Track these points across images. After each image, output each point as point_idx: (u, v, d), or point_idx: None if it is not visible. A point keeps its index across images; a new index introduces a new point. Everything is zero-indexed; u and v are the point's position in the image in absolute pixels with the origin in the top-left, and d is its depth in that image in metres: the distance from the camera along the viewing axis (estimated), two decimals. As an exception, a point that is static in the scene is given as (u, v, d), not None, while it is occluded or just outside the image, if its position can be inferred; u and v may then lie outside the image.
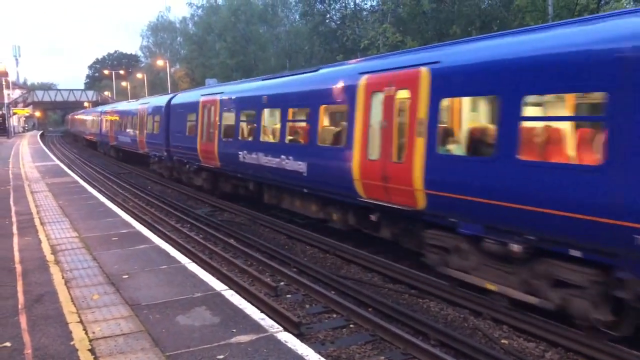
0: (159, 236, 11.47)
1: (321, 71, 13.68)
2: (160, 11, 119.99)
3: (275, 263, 11.39)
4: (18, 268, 8.70)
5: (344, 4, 50.26)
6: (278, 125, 14.75)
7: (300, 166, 12.96)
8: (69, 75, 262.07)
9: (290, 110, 14.30)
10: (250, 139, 16.26)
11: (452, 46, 9.78)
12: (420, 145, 9.29)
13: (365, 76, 11.01)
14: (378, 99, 10.56)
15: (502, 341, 7.63)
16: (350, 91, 11.36)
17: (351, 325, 8.25)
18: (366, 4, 49.81)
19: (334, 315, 8.70)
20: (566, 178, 6.89)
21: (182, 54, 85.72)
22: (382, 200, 10.36)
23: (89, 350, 5.58)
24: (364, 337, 7.83)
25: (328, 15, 49.95)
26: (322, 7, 49.73)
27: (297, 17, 61.05)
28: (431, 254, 9.60)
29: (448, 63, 9.06)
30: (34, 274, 8.36)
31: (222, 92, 18.74)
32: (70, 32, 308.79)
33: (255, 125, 15.87)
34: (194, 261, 9.35)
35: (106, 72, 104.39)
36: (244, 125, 17.01)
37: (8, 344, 5.77)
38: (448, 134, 9.50)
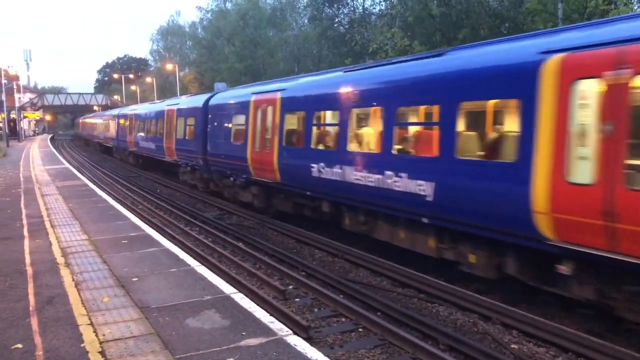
0: (168, 239, 11.52)
1: (456, 53, 9.96)
2: (170, 15, 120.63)
3: (283, 267, 11.41)
4: (29, 270, 8.76)
5: (352, 9, 50.39)
6: (378, 130, 11.28)
7: (422, 187, 9.58)
8: (79, 79, 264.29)
9: (401, 110, 11.17)
10: (330, 147, 12.94)
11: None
12: None
13: (558, 56, 7.41)
14: (588, 91, 7.15)
15: (512, 346, 7.59)
16: (525, 80, 7.78)
17: (360, 329, 8.24)
18: (374, 8, 49.79)
19: (343, 319, 8.69)
20: None
21: (191, 58, 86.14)
22: (599, 248, 6.87)
23: (99, 352, 5.61)
24: (373, 341, 7.82)
25: (336, 20, 50.05)
26: (331, 11, 49.84)
27: (306, 21, 61.20)
28: None
29: None
30: (44, 276, 8.42)
31: (283, 89, 15.17)
32: (79, 36, 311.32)
33: (339, 129, 12.39)
34: (203, 264, 9.38)
35: (116, 76, 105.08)
36: (319, 129, 13.82)
37: (20, 345, 5.81)
38: None
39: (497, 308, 8.52)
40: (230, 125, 18.50)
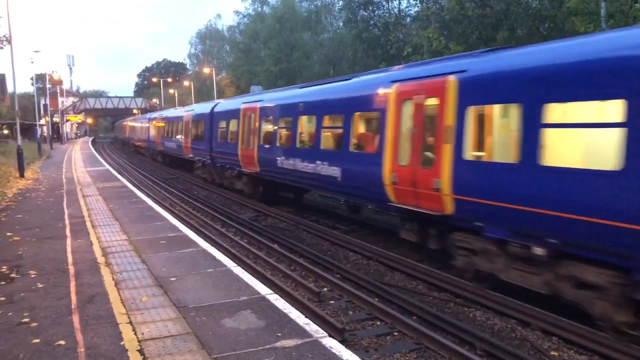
0: (205, 240, 11.66)
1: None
2: (209, 20, 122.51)
3: (318, 269, 11.41)
4: (71, 269, 9.00)
5: (387, 11, 50.21)
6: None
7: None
8: (119, 83, 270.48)
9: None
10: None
11: None
12: None
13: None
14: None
15: (552, 353, 7.42)
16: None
17: (395, 333, 8.18)
18: (410, 10, 49.49)
19: (378, 323, 8.64)
20: None
21: (228, 61, 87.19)
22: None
23: (138, 350, 5.72)
24: (409, 345, 7.75)
25: (371, 22, 49.94)
26: (366, 14, 49.77)
27: (341, 24, 61.28)
28: None
29: None
30: (86, 275, 8.63)
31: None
32: (120, 41, 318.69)
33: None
34: (239, 265, 9.46)
35: (154, 80, 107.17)
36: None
37: (62, 342, 5.97)
38: None
39: (536, 314, 8.34)
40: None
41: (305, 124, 16.15)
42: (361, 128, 13.76)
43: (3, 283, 8.34)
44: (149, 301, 7.30)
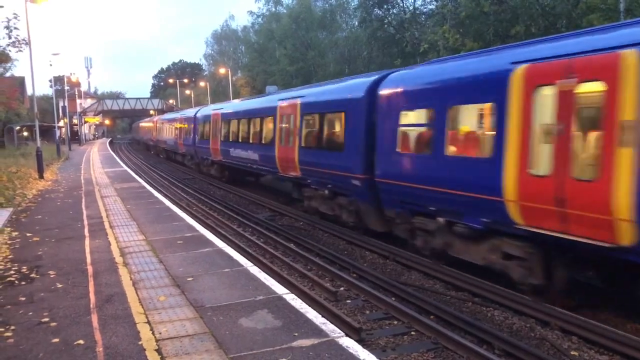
0: (221, 240, 11.70)
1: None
2: (224, 20, 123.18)
3: (334, 268, 11.40)
4: (89, 269, 9.09)
5: (402, 9, 49.98)
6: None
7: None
8: (136, 85, 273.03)
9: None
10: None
11: None
12: None
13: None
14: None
15: (572, 353, 7.32)
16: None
17: (412, 333, 8.13)
18: (425, 7, 49.19)
19: (395, 322, 8.60)
20: None
21: (243, 61, 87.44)
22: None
23: (155, 350, 5.75)
24: (426, 344, 7.70)
25: (386, 21, 49.75)
26: (381, 12, 49.58)
27: (356, 23, 61.15)
28: None
29: None
30: (104, 275, 8.71)
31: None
32: (137, 43, 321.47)
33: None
34: (255, 265, 9.48)
35: (171, 80, 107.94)
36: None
37: (81, 341, 6.02)
38: None
39: (555, 313, 8.24)
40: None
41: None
42: (463, 125, 10.55)
43: (23, 283, 8.45)
44: (167, 301, 7.34)
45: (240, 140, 23.15)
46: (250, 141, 21.47)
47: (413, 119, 11.65)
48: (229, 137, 25.06)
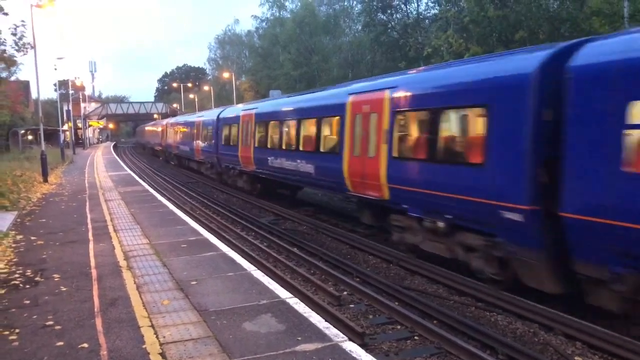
0: (225, 244, 11.72)
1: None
2: (227, 25, 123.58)
3: (338, 272, 11.40)
4: (94, 273, 9.12)
5: (405, 14, 50.10)
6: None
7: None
8: (139, 89, 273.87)
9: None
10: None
11: None
12: None
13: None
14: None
15: (576, 358, 7.31)
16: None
17: (416, 337, 8.13)
18: (428, 12, 49.31)
19: (398, 327, 8.60)
20: None
21: (247, 66, 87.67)
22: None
23: (159, 354, 5.77)
24: (429, 349, 7.70)
25: (390, 25, 49.88)
26: (384, 17, 49.73)
27: (359, 27, 61.30)
28: None
29: None
30: (108, 278, 8.74)
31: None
32: (141, 48, 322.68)
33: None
34: (259, 269, 9.49)
35: (175, 84, 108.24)
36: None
37: (86, 345, 6.04)
38: None
39: (559, 318, 8.23)
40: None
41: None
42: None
43: (28, 286, 8.48)
44: (170, 305, 7.36)
45: (284, 148, 18.28)
46: (301, 148, 16.77)
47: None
48: (266, 142, 20.14)
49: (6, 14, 18.32)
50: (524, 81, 8.43)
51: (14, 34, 18.91)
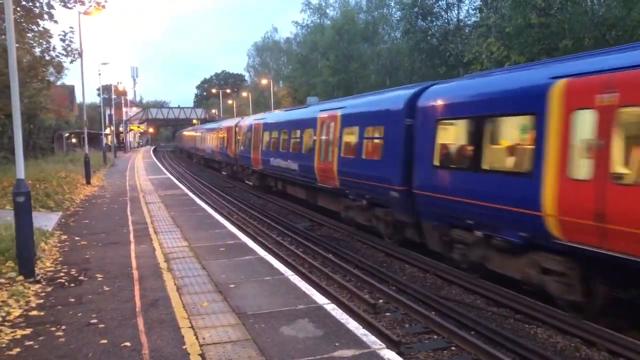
0: (262, 248, 11.83)
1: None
2: (266, 32, 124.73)
3: (373, 280, 11.37)
4: (135, 274, 9.33)
5: (446, 21, 49.75)
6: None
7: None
8: (180, 94, 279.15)
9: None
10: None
11: None
12: None
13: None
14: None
15: (619, 375, 7.12)
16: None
17: (453, 348, 8.04)
18: (470, 19, 48.84)
19: (435, 337, 8.52)
20: None
21: (285, 72, 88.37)
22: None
23: (199, 355, 5.86)
24: (467, 360, 7.61)
25: (430, 32, 49.59)
26: (424, 24, 49.47)
27: (398, 35, 61.12)
28: None
29: None
30: (149, 280, 8.93)
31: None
32: (182, 54, 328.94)
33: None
34: (295, 274, 9.55)
35: (214, 90, 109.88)
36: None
37: (128, 343, 6.19)
38: None
39: (601, 333, 8.02)
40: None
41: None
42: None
43: (72, 285, 8.74)
44: (210, 307, 7.48)
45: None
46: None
47: None
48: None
49: (56, 21, 18.92)
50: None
51: (63, 40, 19.52)
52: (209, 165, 49.87)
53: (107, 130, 71.43)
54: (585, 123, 7.95)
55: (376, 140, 14.79)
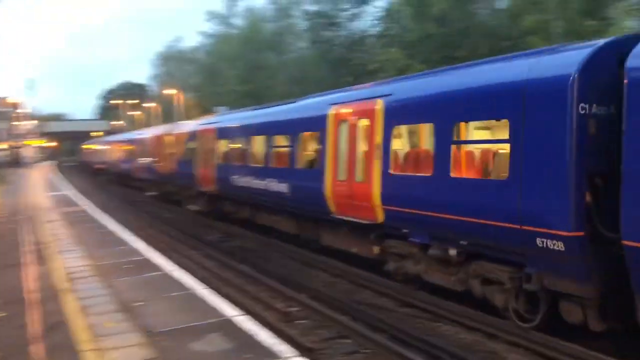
0: (171, 263, 11.52)
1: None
2: (169, 41, 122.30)
3: (287, 289, 11.38)
4: (34, 297, 8.79)
5: (350, 31, 50.98)
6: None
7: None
8: (78, 106, 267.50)
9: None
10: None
11: None
12: None
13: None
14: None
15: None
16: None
17: (366, 351, 8.20)
18: (372, 30, 50.32)
19: (348, 341, 8.65)
20: None
21: (191, 82, 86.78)
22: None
23: (104, 378, 5.62)
24: (378, 362, 7.78)
25: (336, 42, 50.61)
26: (330, 34, 50.45)
27: (304, 44, 61.84)
28: None
29: None
30: (49, 302, 8.45)
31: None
32: (85, 65, 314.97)
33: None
34: (206, 287, 9.38)
35: (118, 101, 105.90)
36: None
37: (25, 372, 5.82)
38: None
39: (502, 327, 8.49)
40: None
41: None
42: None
43: (-36, 314, 8.10)
44: (116, 327, 7.19)
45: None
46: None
47: None
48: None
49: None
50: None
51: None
52: (126, 184, 41.67)
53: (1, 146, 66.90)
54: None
55: (489, 146, 9.10)
